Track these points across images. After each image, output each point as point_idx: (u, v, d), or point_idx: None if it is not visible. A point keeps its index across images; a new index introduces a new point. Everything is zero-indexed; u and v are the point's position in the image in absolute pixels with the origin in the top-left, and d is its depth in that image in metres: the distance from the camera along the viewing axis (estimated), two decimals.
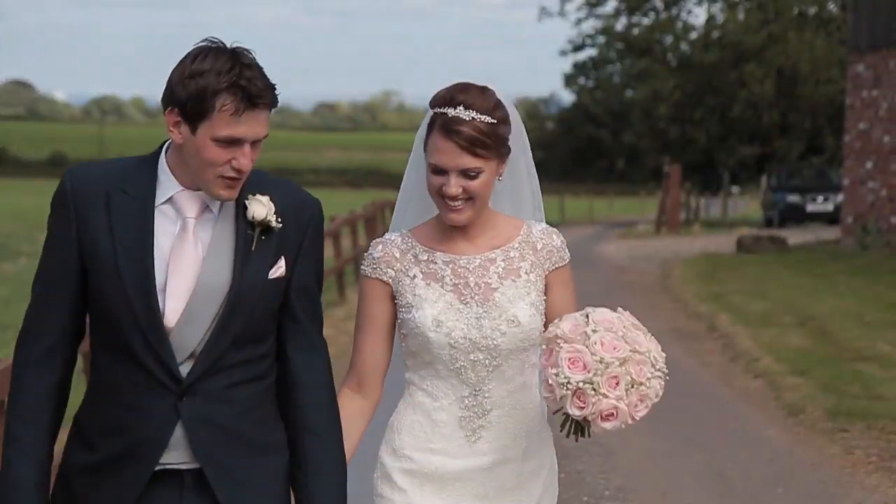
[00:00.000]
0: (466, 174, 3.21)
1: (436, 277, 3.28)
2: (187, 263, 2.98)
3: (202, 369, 2.97)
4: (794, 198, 35.86)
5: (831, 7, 44.20)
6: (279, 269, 3.05)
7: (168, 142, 3.05)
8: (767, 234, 25.86)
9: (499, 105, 3.26)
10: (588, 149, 59.76)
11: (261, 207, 3.02)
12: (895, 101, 22.89)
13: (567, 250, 3.37)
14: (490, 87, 3.30)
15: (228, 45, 2.96)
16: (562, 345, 3.08)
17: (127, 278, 2.95)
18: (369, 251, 3.36)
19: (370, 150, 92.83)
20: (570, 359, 3.06)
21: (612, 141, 59.77)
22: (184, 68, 2.93)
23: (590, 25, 48.71)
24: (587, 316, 3.12)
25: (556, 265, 3.33)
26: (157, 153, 3.05)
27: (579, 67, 55.21)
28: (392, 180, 73.58)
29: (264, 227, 3.02)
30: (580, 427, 3.15)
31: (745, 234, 27.09)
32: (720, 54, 44.15)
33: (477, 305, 3.25)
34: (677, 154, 43.82)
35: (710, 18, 46.38)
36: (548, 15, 47.76)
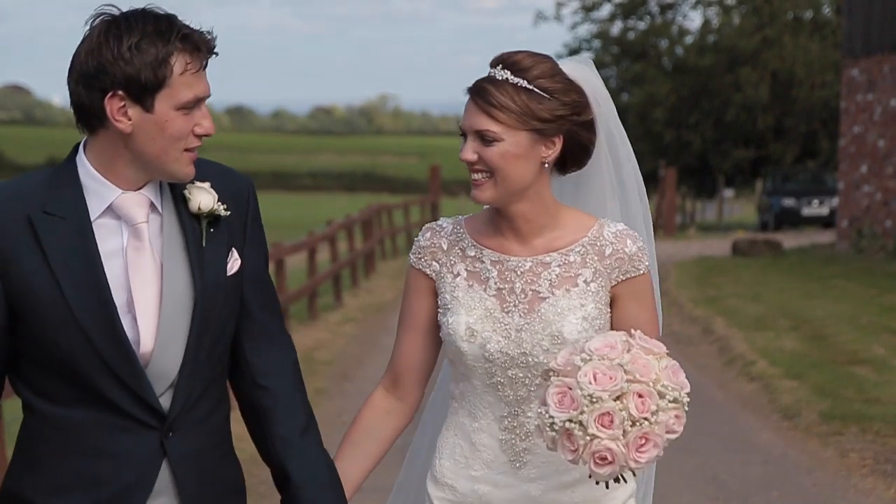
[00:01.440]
0: (483, 138, 2.80)
1: (480, 279, 2.88)
2: (149, 277, 2.60)
3: (185, 396, 2.62)
4: (789, 201, 35.90)
5: (826, 11, 44.25)
6: (236, 263, 2.70)
7: (80, 146, 2.66)
8: (763, 238, 25.89)
9: (551, 75, 2.82)
10: None
11: (206, 196, 2.66)
12: (889, 106, 22.93)
13: (645, 258, 2.90)
14: (565, 61, 2.88)
15: (121, 11, 2.61)
16: (552, 379, 2.70)
17: (81, 313, 2.54)
18: (418, 236, 2.98)
19: (366, 153, 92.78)
20: (557, 394, 2.65)
21: None
22: (111, 45, 2.54)
23: (585, 29, 48.86)
24: (585, 343, 2.74)
25: (628, 275, 2.87)
26: (72, 161, 2.64)
27: None
28: (388, 184, 73.55)
29: (211, 217, 2.67)
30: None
31: (740, 237, 27.12)
32: (715, 58, 44.20)
33: (520, 316, 2.84)
34: (673, 158, 43.86)
35: (706, 23, 46.43)
36: (543, 19, 47.82)
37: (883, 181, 23.06)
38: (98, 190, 2.60)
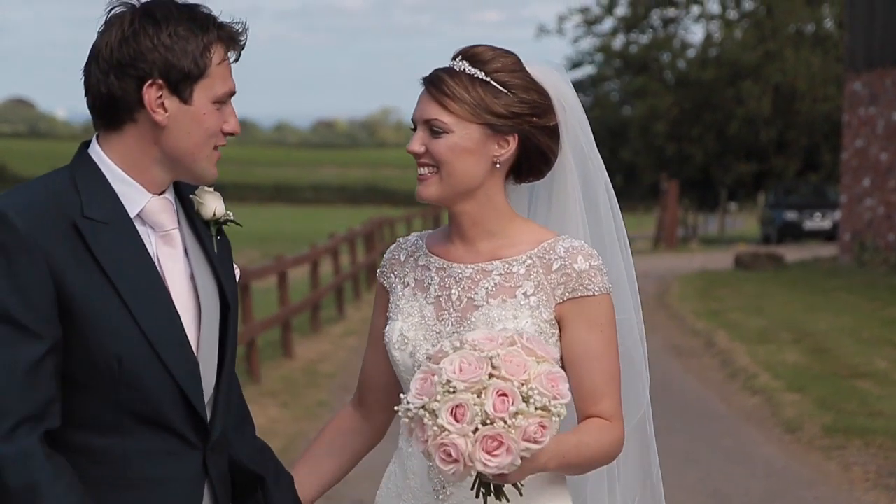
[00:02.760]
0: (432, 129, 2.62)
1: (423, 286, 2.72)
2: (184, 286, 2.47)
3: (223, 411, 2.50)
4: (791, 215, 35.91)
5: (828, 25, 44.31)
6: (237, 270, 2.62)
7: (92, 144, 2.47)
8: (765, 251, 25.87)
9: (511, 70, 2.65)
10: None
11: (218, 201, 2.54)
12: (892, 119, 22.94)
13: (599, 279, 2.63)
14: (534, 63, 2.69)
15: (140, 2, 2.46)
16: (422, 364, 2.52)
17: (147, 323, 2.37)
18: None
19: (368, 166, 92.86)
20: (421, 380, 2.45)
21: (610, 158, 59.75)
22: (149, 32, 2.40)
23: (588, 43, 48.91)
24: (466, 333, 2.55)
25: (575, 294, 2.62)
26: (87, 160, 2.45)
27: (577, 85, 55.33)
28: (390, 197, 73.55)
29: (220, 223, 2.55)
30: (488, 486, 2.47)
31: (742, 250, 27.11)
32: (717, 72, 44.25)
33: (452, 324, 2.66)
34: (675, 171, 43.89)
35: (708, 36, 46.50)
36: (545, 32, 47.89)
37: (885, 195, 23.06)
38: (128, 193, 2.43)
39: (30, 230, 2.32)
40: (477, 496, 2.48)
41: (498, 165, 2.65)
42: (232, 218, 2.56)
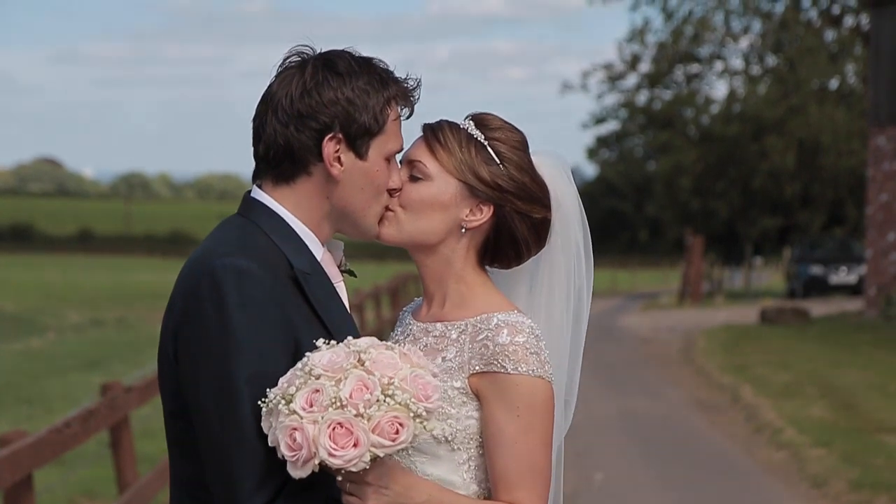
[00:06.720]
0: (412, 170, 2.54)
1: (395, 342, 2.67)
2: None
3: None
4: (817, 269, 35.83)
5: (852, 80, 44.41)
6: None
7: (261, 196, 2.41)
8: (790, 306, 25.81)
9: (513, 146, 2.56)
10: (611, 221, 59.91)
11: (340, 252, 2.54)
12: None
13: (522, 358, 2.45)
14: (542, 153, 2.61)
15: (314, 51, 2.43)
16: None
17: None
18: None
19: None
20: (288, 374, 2.31)
21: (634, 213, 59.98)
22: (332, 85, 2.36)
23: (612, 99, 49.15)
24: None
25: (489, 368, 2.46)
26: (269, 212, 2.39)
27: (601, 140, 55.53)
28: None
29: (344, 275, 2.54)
30: None
31: (768, 305, 27.05)
32: (741, 127, 44.36)
33: None
34: (700, 225, 43.90)
35: (731, 92, 46.66)
36: (569, 88, 48.16)
37: None
38: (311, 245, 2.42)
39: (274, 285, 2.29)
40: None
41: (464, 230, 2.54)
42: (350, 268, 2.53)
